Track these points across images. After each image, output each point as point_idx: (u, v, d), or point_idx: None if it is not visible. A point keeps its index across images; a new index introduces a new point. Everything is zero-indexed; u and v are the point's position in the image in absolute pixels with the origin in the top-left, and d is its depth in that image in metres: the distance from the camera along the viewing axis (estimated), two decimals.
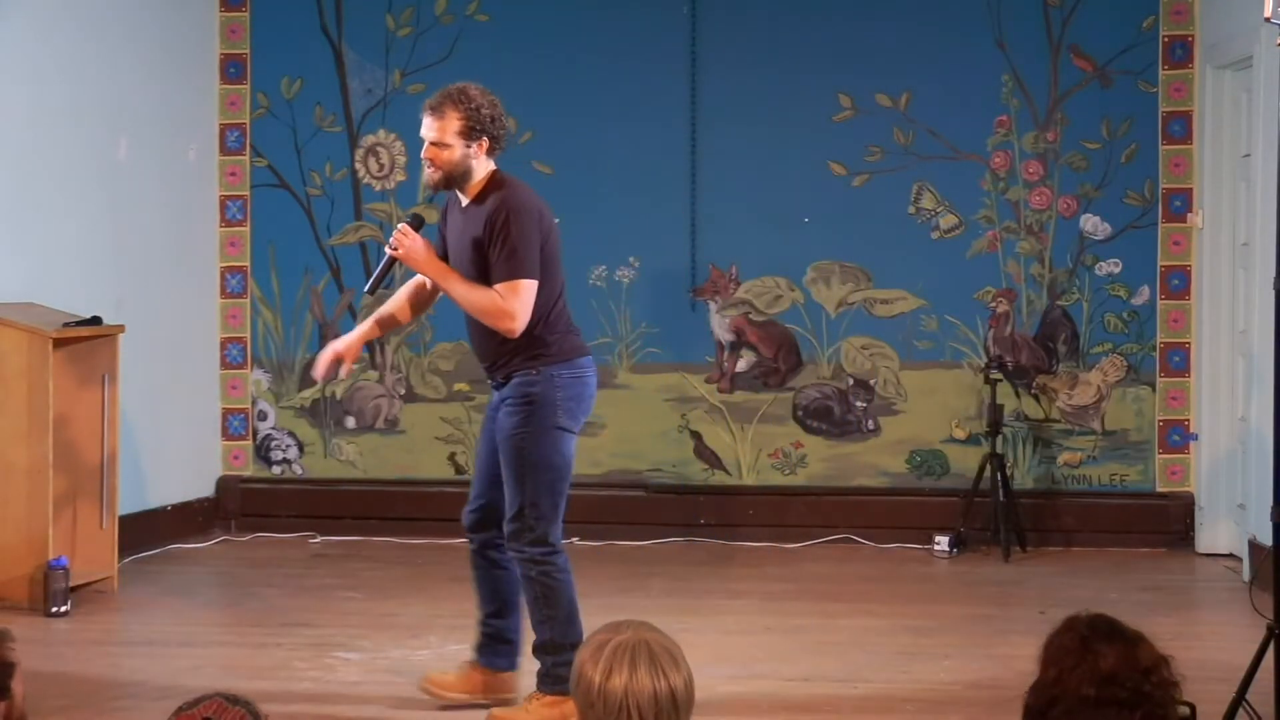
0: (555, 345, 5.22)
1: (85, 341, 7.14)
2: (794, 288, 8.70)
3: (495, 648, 5.44)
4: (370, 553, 8.35)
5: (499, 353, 5.22)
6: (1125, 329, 8.58)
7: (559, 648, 5.20)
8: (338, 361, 5.44)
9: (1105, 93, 8.55)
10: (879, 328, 8.69)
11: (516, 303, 5.08)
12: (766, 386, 8.72)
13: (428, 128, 5.18)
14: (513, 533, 5.24)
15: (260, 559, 8.27)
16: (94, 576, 7.18)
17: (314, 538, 8.66)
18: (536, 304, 5.12)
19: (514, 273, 5.08)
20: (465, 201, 5.25)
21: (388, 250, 5.27)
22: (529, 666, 5.38)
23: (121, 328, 7.30)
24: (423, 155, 5.21)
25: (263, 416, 8.98)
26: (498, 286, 5.09)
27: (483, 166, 5.22)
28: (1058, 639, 2.99)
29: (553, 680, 5.20)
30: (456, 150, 5.16)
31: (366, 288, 5.50)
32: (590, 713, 2.65)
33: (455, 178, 5.20)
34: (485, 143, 5.19)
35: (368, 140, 8.90)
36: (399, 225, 5.25)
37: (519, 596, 5.39)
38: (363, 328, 5.55)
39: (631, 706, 2.62)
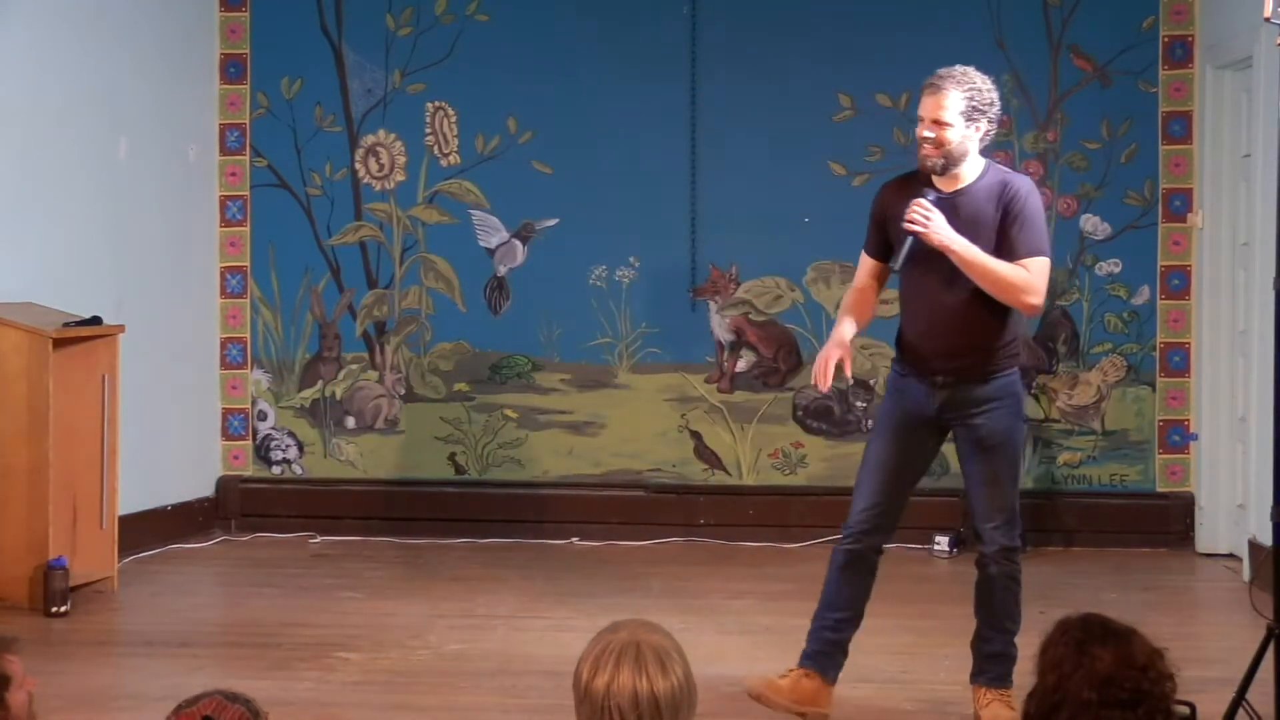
0: (1018, 348, 5.18)
1: (85, 341, 7.13)
2: (794, 288, 8.70)
3: (836, 658, 5.28)
4: (370, 553, 8.35)
5: (984, 349, 5.07)
6: (1125, 329, 8.58)
7: (1016, 635, 5.19)
8: (838, 364, 5.21)
9: (1105, 93, 8.55)
10: (879, 328, 8.60)
11: (1040, 280, 5.00)
12: (766, 386, 8.72)
13: (931, 107, 5.01)
14: (1003, 538, 5.13)
15: (260, 559, 8.27)
16: (94, 576, 7.18)
17: (314, 538, 8.66)
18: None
19: (1040, 249, 4.99)
20: (956, 187, 5.07)
21: (905, 227, 5.04)
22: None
23: (121, 328, 7.30)
24: (922, 135, 5.03)
25: (263, 416, 8.98)
26: (1023, 261, 4.97)
27: (976, 154, 5.08)
28: (1052, 644, 2.99)
29: (1009, 675, 5.20)
30: (958, 130, 5.00)
31: (895, 265, 5.26)
32: (581, 709, 2.67)
33: (954, 161, 5.03)
34: (982, 126, 5.04)
35: (368, 140, 8.90)
36: (920, 201, 5.02)
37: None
38: (846, 328, 5.33)
39: (612, 706, 2.63)
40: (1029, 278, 4.99)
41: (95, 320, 7.14)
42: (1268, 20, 4.93)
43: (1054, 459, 8.60)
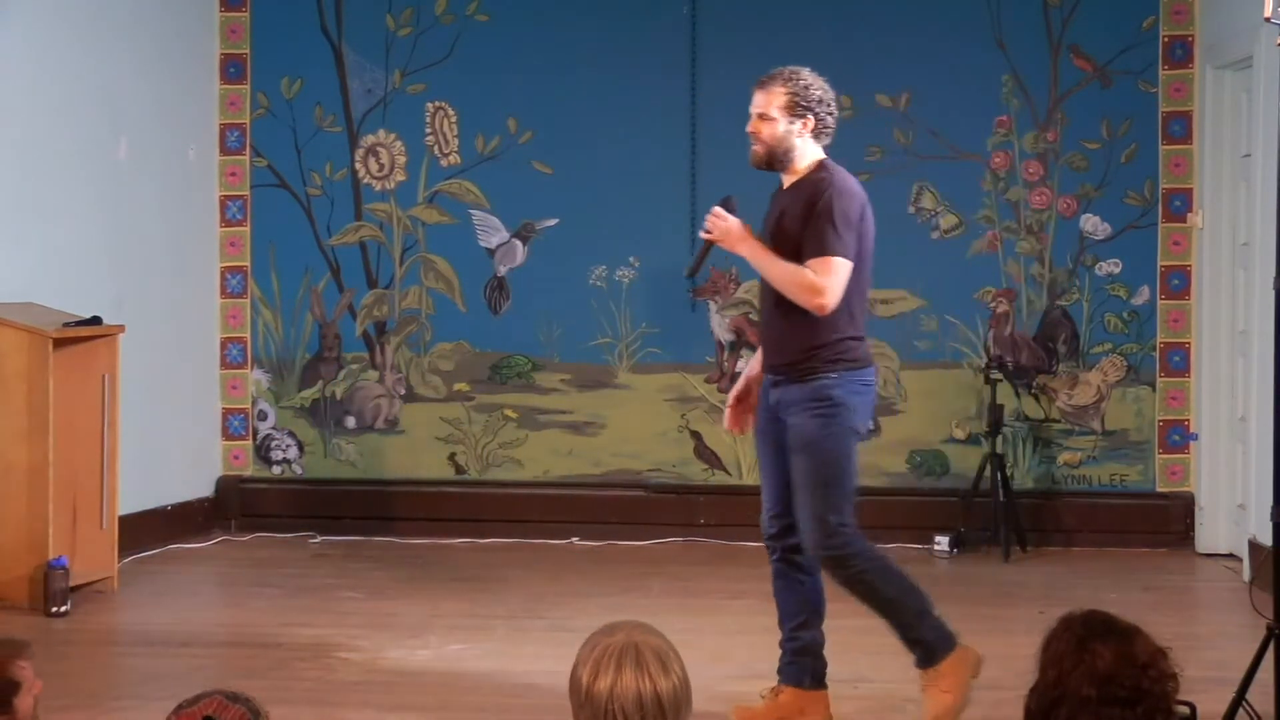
0: (852, 350, 5.07)
1: (85, 341, 7.13)
2: None
3: (804, 664, 5.24)
4: (370, 553, 8.35)
5: (800, 349, 5.03)
6: (1125, 329, 8.58)
7: (917, 617, 5.08)
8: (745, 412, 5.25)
9: (1105, 93, 8.55)
10: (879, 328, 8.67)
11: (829, 279, 4.94)
12: None
13: (759, 101, 5.08)
14: (815, 545, 5.06)
15: (260, 559, 8.27)
16: (94, 576, 7.18)
17: (314, 538, 8.66)
18: (843, 301, 4.99)
19: (829, 249, 4.95)
20: (789, 182, 5.14)
21: (702, 235, 5.16)
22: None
23: (121, 328, 7.30)
24: (748, 129, 5.11)
25: (263, 416, 8.98)
26: (810, 262, 4.96)
27: (808, 149, 5.11)
28: (1055, 640, 2.98)
29: (935, 647, 5.08)
30: (780, 124, 5.06)
31: (686, 272, 5.33)
32: (581, 713, 2.67)
33: (777, 155, 5.09)
34: (810, 121, 5.07)
35: (368, 140, 8.90)
36: (715, 209, 5.12)
37: (825, 604, 5.24)
38: (753, 369, 5.33)
39: (616, 709, 2.63)
40: (812, 279, 4.95)
41: (95, 320, 7.14)
42: (1268, 20, 4.93)
43: (1054, 459, 8.60)
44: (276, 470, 8.99)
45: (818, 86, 5.11)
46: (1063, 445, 8.61)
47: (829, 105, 5.11)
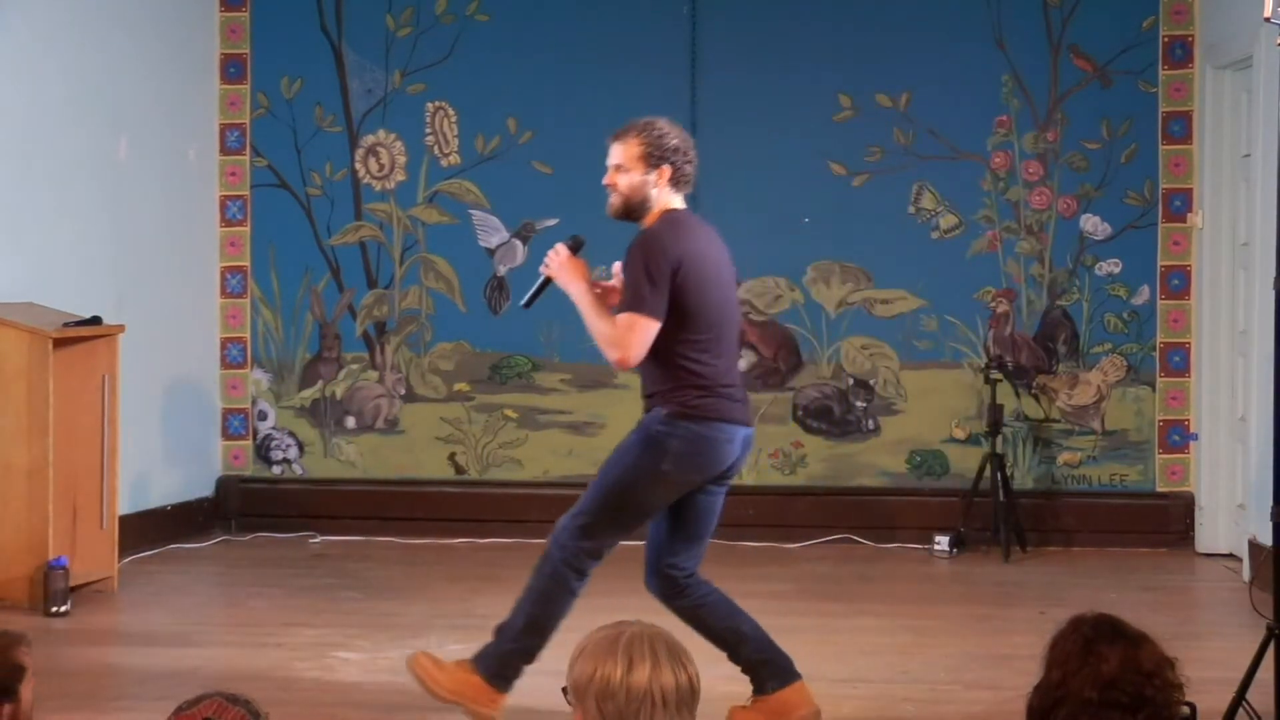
0: (698, 400, 5.06)
1: (85, 341, 7.13)
2: (794, 288, 8.70)
3: (761, 673, 5.17)
4: (370, 553, 8.35)
5: (651, 385, 5.14)
6: (1125, 329, 8.58)
7: (515, 636, 5.15)
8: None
9: (1105, 93, 8.55)
10: (879, 328, 8.69)
11: (629, 336, 4.97)
12: (766, 386, 8.72)
13: (614, 153, 5.10)
14: (565, 522, 5.13)
15: (260, 559, 8.27)
16: (94, 576, 7.18)
17: (314, 538, 8.66)
18: (687, 350, 5.00)
19: (633, 307, 4.97)
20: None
21: (542, 270, 5.19)
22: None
23: (121, 328, 7.30)
24: (604, 181, 5.12)
25: (263, 416, 8.98)
26: (617, 318, 5.01)
27: (663, 198, 5.10)
28: (1062, 640, 2.98)
29: (489, 661, 5.16)
30: (635, 175, 5.06)
31: (523, 303, 5.38)
32: (609, 704, 2.67)
33: (634, 205, 5.09)
34: (667, 171, 5.08)
35: (368, 140, 8.90)
36: (558, 246, 5.16)
37: (740, 617, 5.21)
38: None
39: (656, 694, 2.67)
40: (611, 333, 5.01)
41: (95, 320, 7.14)
42: (1268, 20, 4.93)
43: (1054, 459, 8.60)
44: (276, 470, 8.99)
45: (674, 135, 5.13)
46: (1063, 445, 8.61)
47: (686, 154, 5.14)
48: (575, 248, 5.19)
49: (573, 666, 2.74)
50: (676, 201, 5.15)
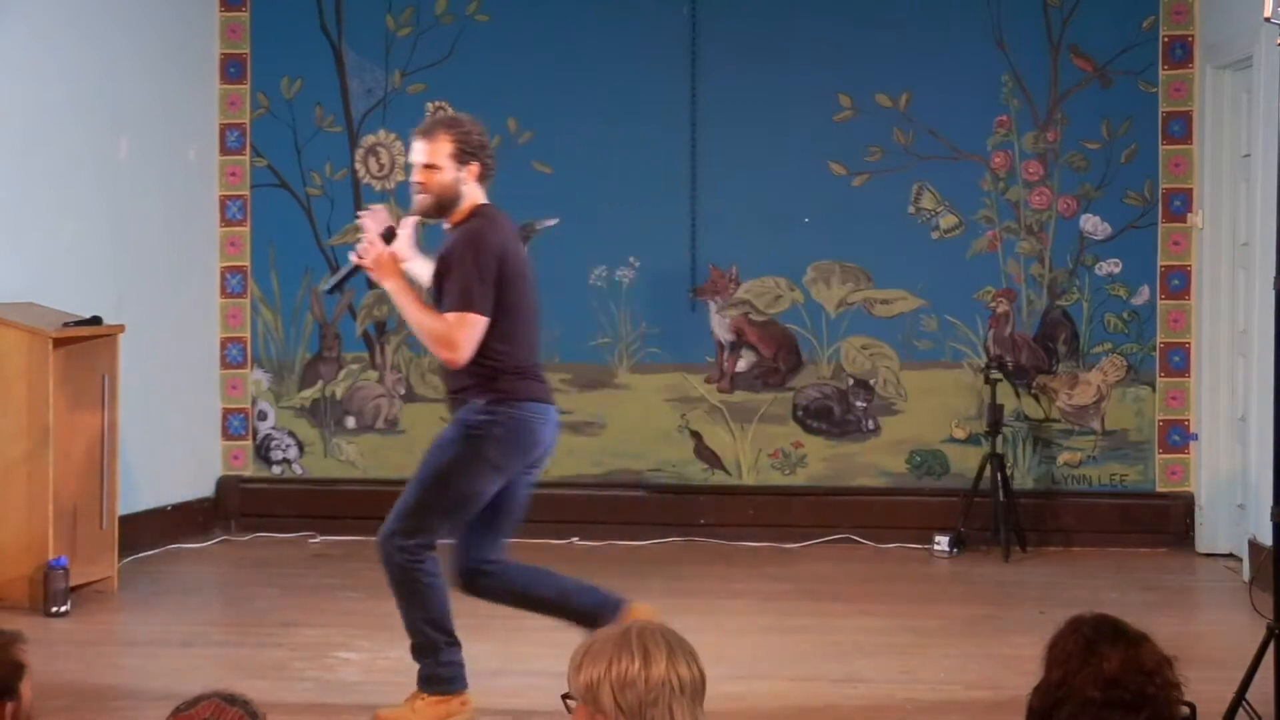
0: (513, 385, 5.18)
1: (85, 341, 7.13)
2: (794, 288, 8.70)
3: (592, 619, 5.18)
4: (370, 553, 8.21)
5: (463, 378, 5.18)
6: (1125, 329, 8.58)
7: (434, 648, 5.21)
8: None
9: (1105, 93, 8.55)
10: (879, 328, 8.69)
11: (462, 334, 5.05)
12: (766, 386, 8.72)
13: (422, 151, 5.16)
14: (386, 528, 5.18)
15: (260, 559, 8.27)
16: (94, 576, 7.18)
17: (314, 538, 8.66)
18: (491, 341, 5.10)
19: (464, 305, 5.05)
20: (447, 226, 5.25)
21: (352, 258, 5.21)
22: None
23: (121, 328, 7.30)
24: (413, 179, 5.19)
25: (263, 416, 8.98)
26: (447, 316, 5.07)
27: (471, 194, 5.21)
28: (1062, 640, 2.99)
29: (434, 681, 5.22)
30: (448, 173, 5.15)
31: (326, 287, 5.41)
32: (629, 693, 2.67)
33: (445, 203, 5.18)
34: (475, 168, 5.18)
35: (368, 140, 8.90)
36: (370, 237, 5.19)
37: (547, 576, 5.35)
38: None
39: (674, 682, 2.69)
40: (444, 331, 5.07)
41: (95, 320, 7.14)
42: (1268, 20, 4.93)
43: (1054, 459, 8.60)
44: (276, 470, 8.99)
45: (478, 132, 5.23)
46: (1063, 445, 8.61)
47: (489, 150, 5.25)
48: (388, 240, 5.23)
49: (579, 669, 2.73)
50: (482, 197, 5.24)
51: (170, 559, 8.17)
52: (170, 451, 8.51)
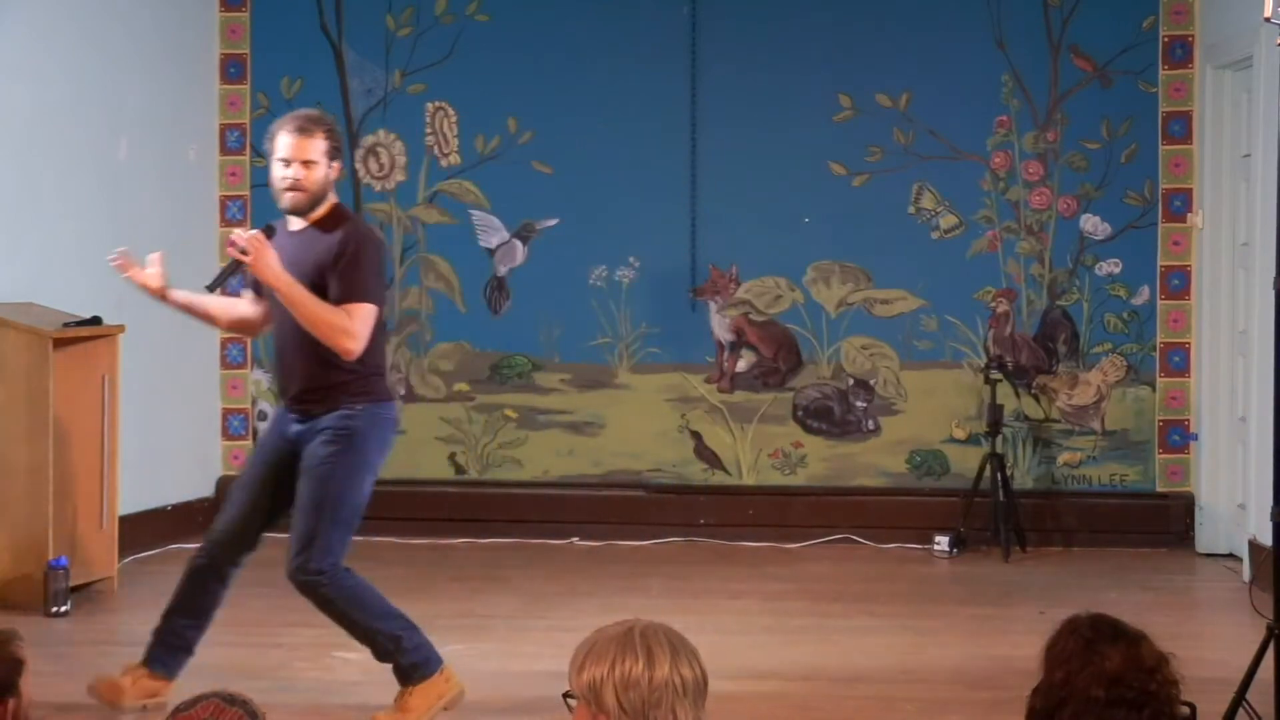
0: (377, 385, 5.29)
1: (85, 341, 7.13)
2: (794, 288, 8.70)
3: (180, 660, 5.46)
4: (370, 553, 8.32)
5: (327, 382, 5.19)
6: (1125, 329, 8.58)
7: (393, 641, 5.25)
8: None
9: (1105, 93, 8.55)
10: (879, 328, 8.69)
11: (362, 325, 5.11)
12: (766, 386, 8.72)
13: (305, 148, 5.20)
14: (294, 563, 5.25)
15: (260, 559, 8.21)
16: (94, 576, 7.18)
17: None
18: (371, 338, 5.16)
19: (363, 296, 5.12)
20: (301, 225, 5.26)
21: (233, 254, 5.20)
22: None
23: (121, 328, 7.30)
24: (288, 175, 5.20)
25: (263, 416, 8.97)
26: (345, 306, 5.11)
27: (331, 192, 5.29)
28: (1061, 641, 2.99)
29: (411, 671, 5.27)
30: (322, 170, 5.21)
31: (206, 285, 5.39)
32: (632, 694, 2.67)
33: (317, 200, 5.24)
34: (338, 166, 5.28)
35: (368, 140, 8.90)
36: (250, 232, 5.22)
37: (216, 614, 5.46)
38: (189, 297, 5.56)
39: (678, 683, 2.70)
40: (346, 323, 5.10)
41: (95, 320, 7.14)
42: (1268, 20, 4.94)
43: (1054, 459, 8.60)
44: None
45: (338, 131, 5.33)
46: (1063, 445, 8.61)
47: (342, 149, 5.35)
48: (269, 235, 5.27)
49: (581, 669, 2.73)
50: (335, 195, 5.33)
51: (170, 559, 8.15)
52: (170, 451, 8.50)
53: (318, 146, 5.19)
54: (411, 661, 5.27)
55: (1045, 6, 8.55)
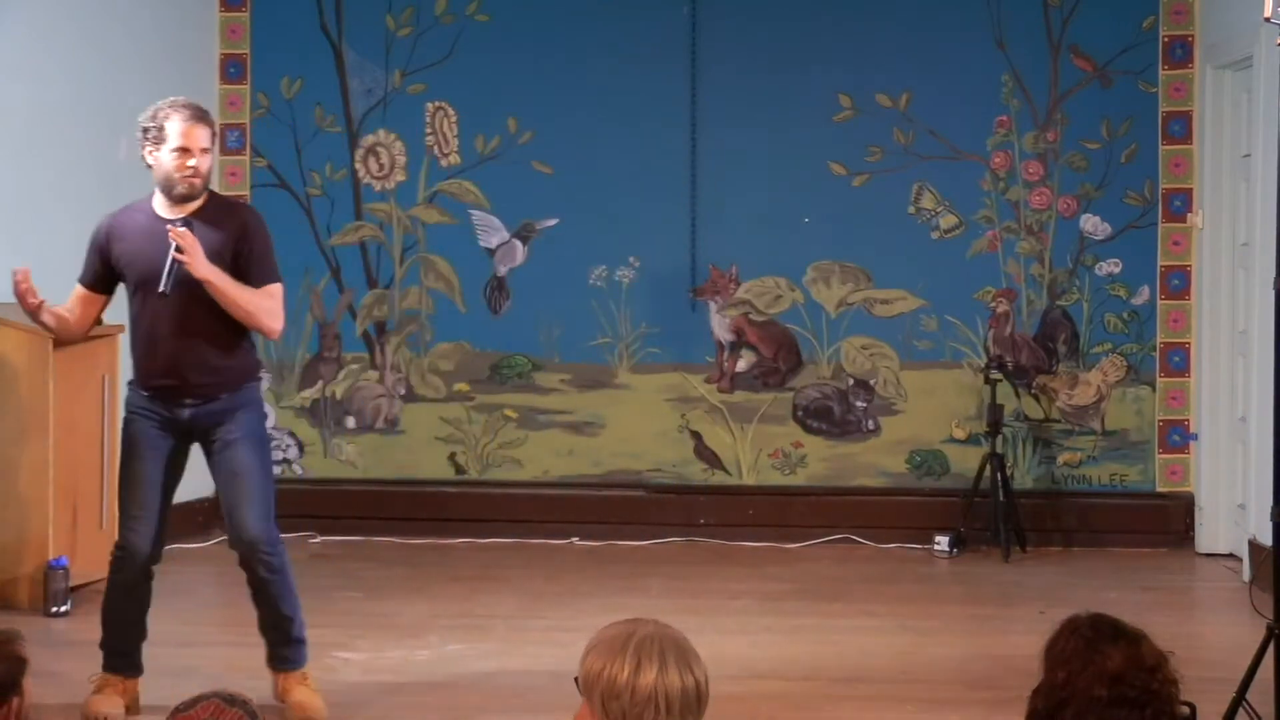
0: (257, 363, 5.48)
1: (85, 341, 7.12)
2: (794, 288, 8.70)
3: (138, 654, 5.55)
4: (370, 553, 8.35)
5: (224, 366, 5.28)
6: (1125, 329, 8.58)
7: (301, 619, 5.44)
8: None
9: (1105, 93, 8.55)
10: (879, 328, 8.69)
11: (281, 306, 5.35)
12: (766, 386, 8.72)
13: (204, 137, 5.27)
14: (268, 537, 5.32)
15: None
16: (94, 576, 7.16)
17: (314, 538, 8.65)
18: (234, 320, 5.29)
19: (277, 276, 5.32)
20: (177, 213, 5.26)
21: (173, 255, 5.19)
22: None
23: (121, 328, 7.23)
24: (191, 164, 5.25)
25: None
26: (269, 289, 5.27)
27: None
28: (1061, 642, 2.99)
29: (304, 650, 5.46)
30: (210, 157, 5.34)
31: (163, 288, 5.34)
32: (614, 704, 2.68)
33: (206, 187, 5.33)
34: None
35: (367, 140, 8.90)
36: (180, 230, 5.19)
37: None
38: (48, 308, 5.44)
39: (660, 699, 2.68)
40: (274, 305, 5.31)
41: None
42: (1268, 20, 4.94)
43: (1054, 459, 8.60)
44: (276, 470, 8.97)
45: None
46: (1063, 445, 8.61)
47: None
48: (191, 228, 5.28)
49: (584, 659, 2.75)
50: None
51: (170, 559, 8.11)
52: None
53: (209, 135, 5.31)
54: (306, 641, 5.44)
55: (1045, 6, 8.55)
